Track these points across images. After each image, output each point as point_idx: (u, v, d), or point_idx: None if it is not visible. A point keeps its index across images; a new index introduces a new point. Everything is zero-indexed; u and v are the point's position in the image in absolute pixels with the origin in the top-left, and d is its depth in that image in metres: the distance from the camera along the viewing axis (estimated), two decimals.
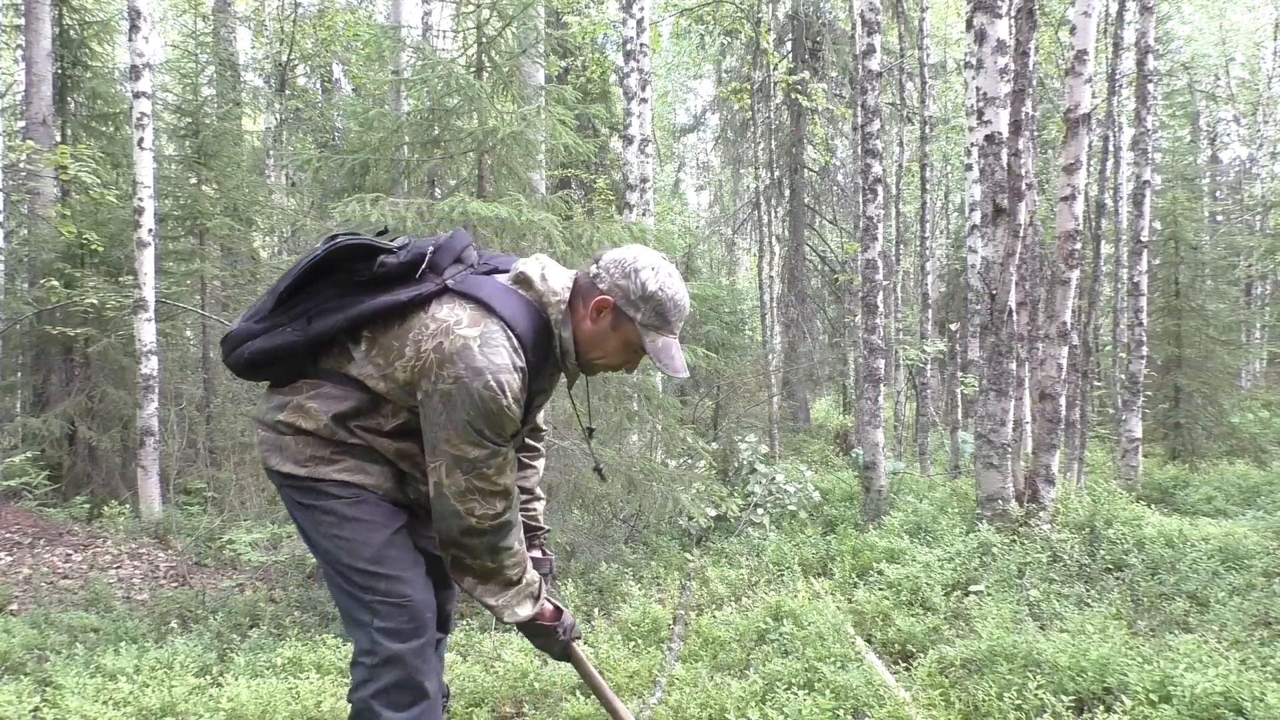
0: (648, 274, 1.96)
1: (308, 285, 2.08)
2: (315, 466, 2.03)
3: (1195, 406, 11.85)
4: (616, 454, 5.37)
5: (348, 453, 2.05)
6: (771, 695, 3.04)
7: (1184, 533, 4.97)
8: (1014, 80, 5.65)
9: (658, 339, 1.99)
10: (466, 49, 5.51)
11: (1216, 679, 2.78)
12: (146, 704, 3.06)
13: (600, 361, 2.07)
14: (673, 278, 2.00)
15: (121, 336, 7.96)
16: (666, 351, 1.99)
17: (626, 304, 1.97)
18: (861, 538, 5.34)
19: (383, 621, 2.00)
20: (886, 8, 12.99)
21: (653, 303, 1.97)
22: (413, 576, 2.05)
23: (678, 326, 2.03)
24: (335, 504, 2.03)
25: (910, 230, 17.10)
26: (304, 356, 2.07)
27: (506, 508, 2.00)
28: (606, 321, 1.99)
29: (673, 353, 2.00)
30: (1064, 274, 5.69)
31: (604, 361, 2.07)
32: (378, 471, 2.07)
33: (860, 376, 7.73)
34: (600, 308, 1.98)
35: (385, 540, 2.03)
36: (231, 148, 9.77)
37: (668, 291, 1.98)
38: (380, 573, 2.01)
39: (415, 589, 2.04)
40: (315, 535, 2.08)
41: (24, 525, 6.49)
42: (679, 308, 2.00)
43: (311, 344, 2.04)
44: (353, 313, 2.01)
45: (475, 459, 1.92)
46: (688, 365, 2.28)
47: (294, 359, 2.07)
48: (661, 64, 19.73)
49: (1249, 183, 21.67)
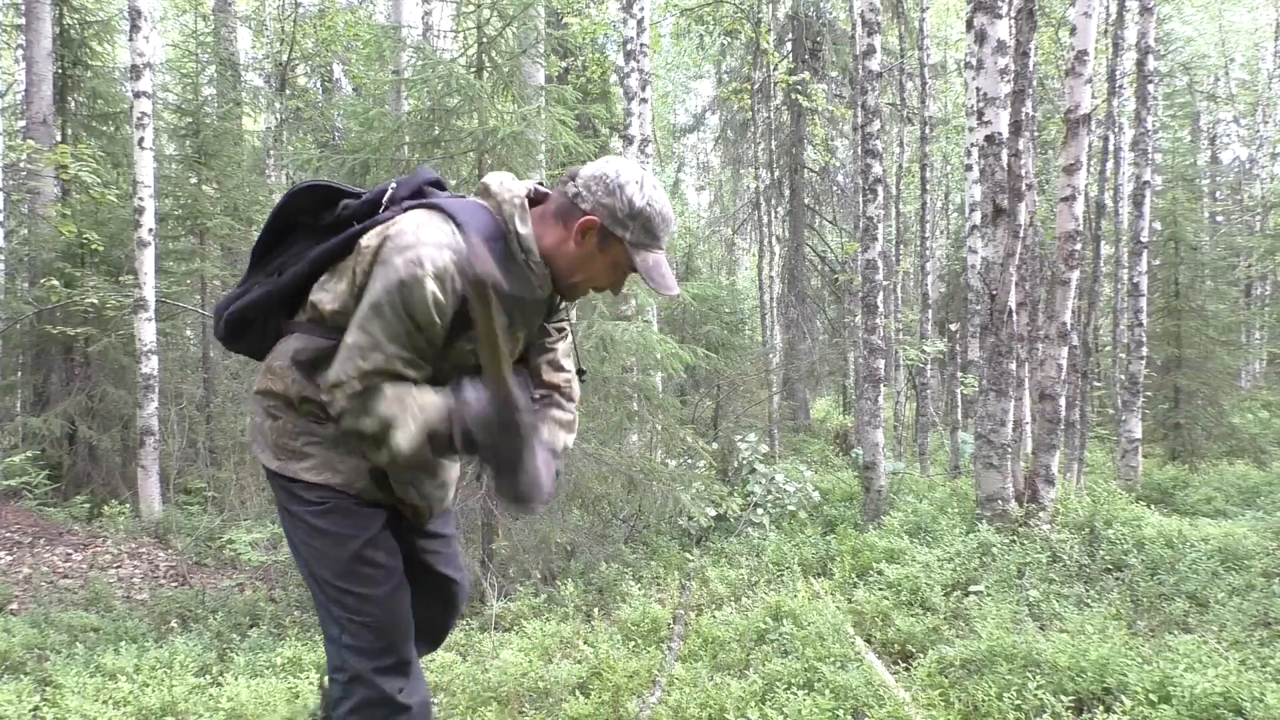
0: (633, 189, 1.84)
1: (280, 242, 2.05)
2: (286, 461, 1.95)
3: (1195, 407, 11.85)
4: (616, 454, 5.37)
5: (316, 441, 1.94)
6: (771, 695, 3.04)
7: (1184, 533, 4.97)
8: (1014, 81, 5.66)
9: (648, 256, 1.88)
10: (467, 49, 5.52)
11: (1216, 679, 2.78)
12: (146, 703, 3.06)
13: (584, 284, 1.95)
14: (657, 190, 1.89)
15: (122, 336, 7.97)
16: (658, 269, 1.88)
17: (614, 223, 1.84)
18: (861, 538, 5.34)
19: (350, 639, 1.92)
20: (886, 8, 12.99)
21: (641, 219, 1.85)
22: (382, 593, 1.94)
23: (665, 241, 1.92)
24: (304, 511, 1.94)
25: (910, 230, 17.10)
26: (278, 311, 2.01)
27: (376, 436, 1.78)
28: (593, 243, 1.87)
29: (663, 270, 1.89)
30: (1064, 274, 5.70)
31: (589, 284, 1.95)
32: (349, 467, 1.94)
33: (860, 376, 7.73)
34: (585, 228, 1.85)
35: (353, 554, 1.92)
36: (232, 147, 9.77)
37: (655, 205, 1.86)
38: (347, 589, 1.91)
39: (383, 607, 1.93)
40: (293, 539, 2.01)
41: (24, 525, 6.49)
42: (666, 221, 1.90)
43: (283, 295, 1.98)
44: (314, 253, 1.95)
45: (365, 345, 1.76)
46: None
47: (269, 315, 2.02)
48: (661, 64, 19.74)
49: (1249, 183, 21.67)
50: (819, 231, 16.21)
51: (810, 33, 14.72)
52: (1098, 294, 11.31)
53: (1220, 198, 21.53)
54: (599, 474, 5.20)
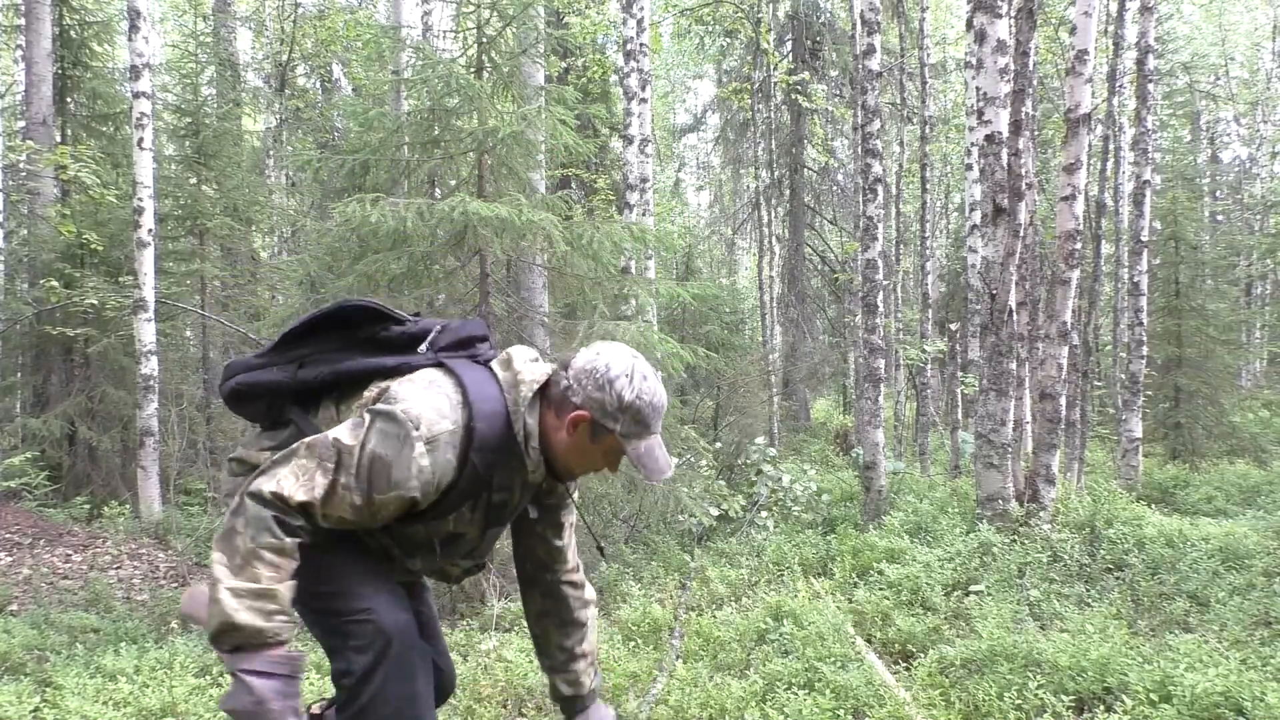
0: (622, 383, 1.86)
1: (314, 334, 2.06)
2: None
3: (1195, 406, 11.85)
4: None
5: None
6: (771, 695, 3.03)
7: (1184, 533, 4.96)
8: (1014, 80, 5.65)
9: (639, 445, 1.89)
10: (466, 49, 5.51)
11: (1217, 679, 2.78)
12: (146, 704, 3.06)
13: (579, 470, 2.00)
14: (648, 380, 1.89)
15: (121, 337, 7.96)
16: (650, 456, 1.89)
17: (604, 416, 1.86)
18: (861, 538, 5.34)
19: (354, 640, 1.90)
20: (886, 8, 12.99)
21: (631, 412, 1.86)
22: (374, 590, 1.93)
23: (659, 426, 1.93)
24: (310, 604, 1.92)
25: (910, 230, 17.10)
26: (286, 400, 2.04)
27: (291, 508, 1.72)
28: (585, 435, 1.90)
29: (655, 455, 1.90)
30: (1064, 274, 5.69)
31: (584, 470, 2.00)
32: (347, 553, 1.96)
33: (860, 376, 7.73)
34: (577, 423, 1.88)
35: (344, 562, 1.93)
36: (231, 148, 9.78)
37: (645, 398, 1.87)
38: (339, 592, 1.91)
39: (380, 605, 1.91)
40: None
41: (24, 525, 6.49)
42: (657, 410, 1.90)
43: (295, 389, 2.01)
44: (341, 367, 1.98)
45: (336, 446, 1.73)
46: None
47: (275, 399, 2.04)
48: (661, 64, 19.74)
49: (1249, 182, 21.67)
50: (819, 231, 16.21)
51: (810, 32, 14.72)
52: (1098, 293, 11.30)
53: (1220, 197, 21.53)
54: (598, 474, 5.19)
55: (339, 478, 1.73)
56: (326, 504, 1.74)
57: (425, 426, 1.75)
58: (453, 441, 1.79)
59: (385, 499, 1.76)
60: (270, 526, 1.70)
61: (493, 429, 1.84)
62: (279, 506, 1.71)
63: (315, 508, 1.73)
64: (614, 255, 5.25)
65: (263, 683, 1.69)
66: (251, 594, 1.67)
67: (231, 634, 1.67)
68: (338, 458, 1.73)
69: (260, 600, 1.68)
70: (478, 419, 1.82)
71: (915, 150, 14.22)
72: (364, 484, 1.74)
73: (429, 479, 1.77)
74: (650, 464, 1.89)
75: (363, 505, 1.75)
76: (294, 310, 5.50)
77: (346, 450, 1.74)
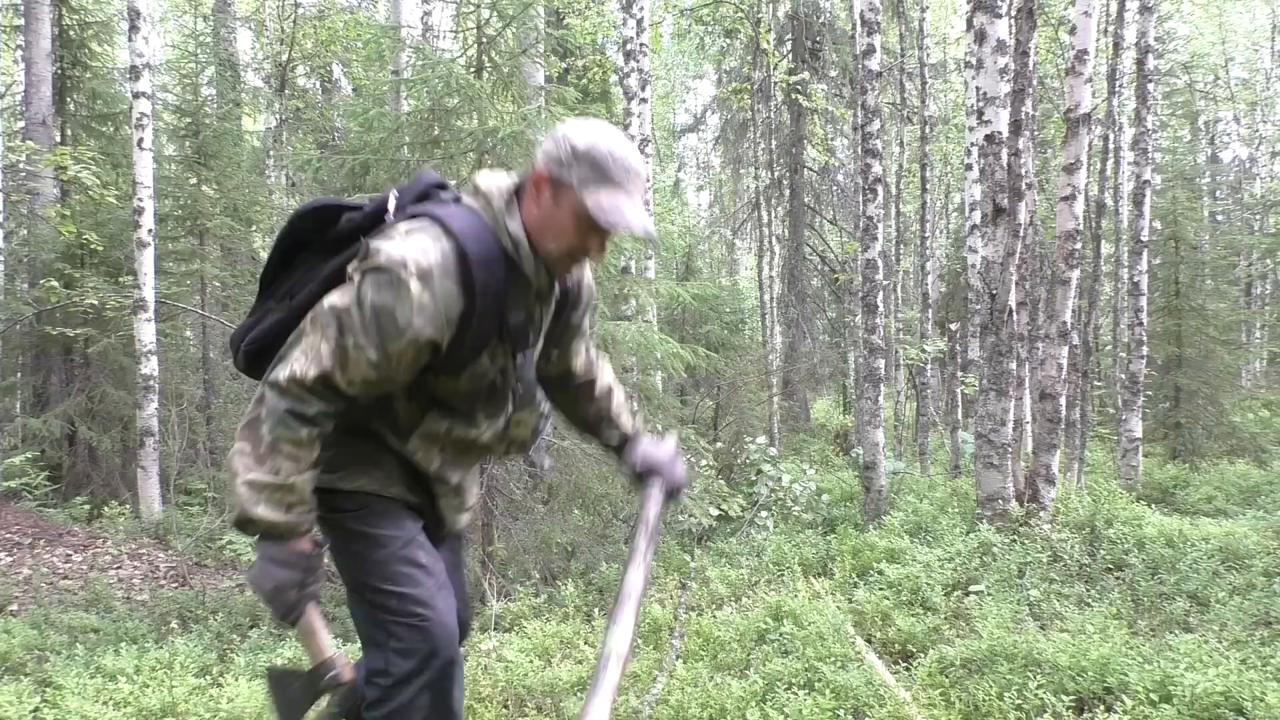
0: (575, 134, 1.77)
1: (287, 263, 2.01)
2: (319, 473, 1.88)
3: (1195, 406, 11.85)
4: None
5: (344, 450, 1.90)
6: (771, 695, 3.03)
7: (1184, 532, 4.96)
8: (1014, 80, 5.65)
9: (600, 195, 1.75)
10: (466, 49, 5.51)
11: (1217, 679, 2.78)
12: (146, 704, 3.06)
13: (558, 247, 1.83)
14: (608, 134, 1.79)
15: (121, 337, 7.96)
16: (614, 207, 1.75)
17: (560, 168, 1.76)
18: (861, 538, 5.34)
19: (398, 642, 1.86)
20: (886, 8, 12.99)
21: (585, 158, 1.75)
22: (428, 594, 1.88)
23: (628, 183, 1.78)
24: (343, 517, 1.91)
25: (910, 230, 17.10)
26: None
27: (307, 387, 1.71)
28: (548, 197, 1.79)
29: (621, 207, 1.75)
30: (1064, 274, 5.69)
31: (563, 246, 1.83)
32: (382, 474, 1.93)
33: (860, 376, 7.73)
34: (538, 183, 1.79)
35: (394, 555, 1.88)
36: (231, 148, 9.77)
37: (601, 145, 1.76)
38: (392, 590, 1.86)
39: (431, 608, 1.87)
40: (334, 548, 1.96)
41: (24, 526, 6.49)
42: (618, 160, 1.76)
43: (298, 318, 1.91)
44: (325, 272, 1.90)
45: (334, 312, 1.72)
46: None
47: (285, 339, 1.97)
48: (661, 64, 19.74)
49: (1249, 182, 21.66)
50: (819, 231, 16.20)
51: (810, 32, 14.71)
52: (1098, 293, 11.30)
53: (1220, 197, 21.52)
54: (599, 474, 5.20)
55: (345, 341, 1.71)
56: (343, 370, 1.72)
57: (413, 263, 1.69)
58: (447, 269, 1.72)
59: (401, 347, 1.72)
60: (287, 420, 1.70)
61: (483, 246, 1.78)
62: (295, 393, 1.71)
63: (333, 377, 1.72)
64: (614, 255, 5.25)
65: (282, 572, 1.72)
66: (270, 487, 1.69)
67: (250, 526, 1.70)
68: (338, 321, 1.71)
69: (279, 494, 1.70)
70: (465, 241, 1.74)
71: (915, 150, 14.22)
72: (374, 337, 1.70)
73: (436, 312, 1.72)
74: (615, 214, 1.74)
75: (380, 360, 1.72)
76: None
77: (344, 311, 1.71)
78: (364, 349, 1.71)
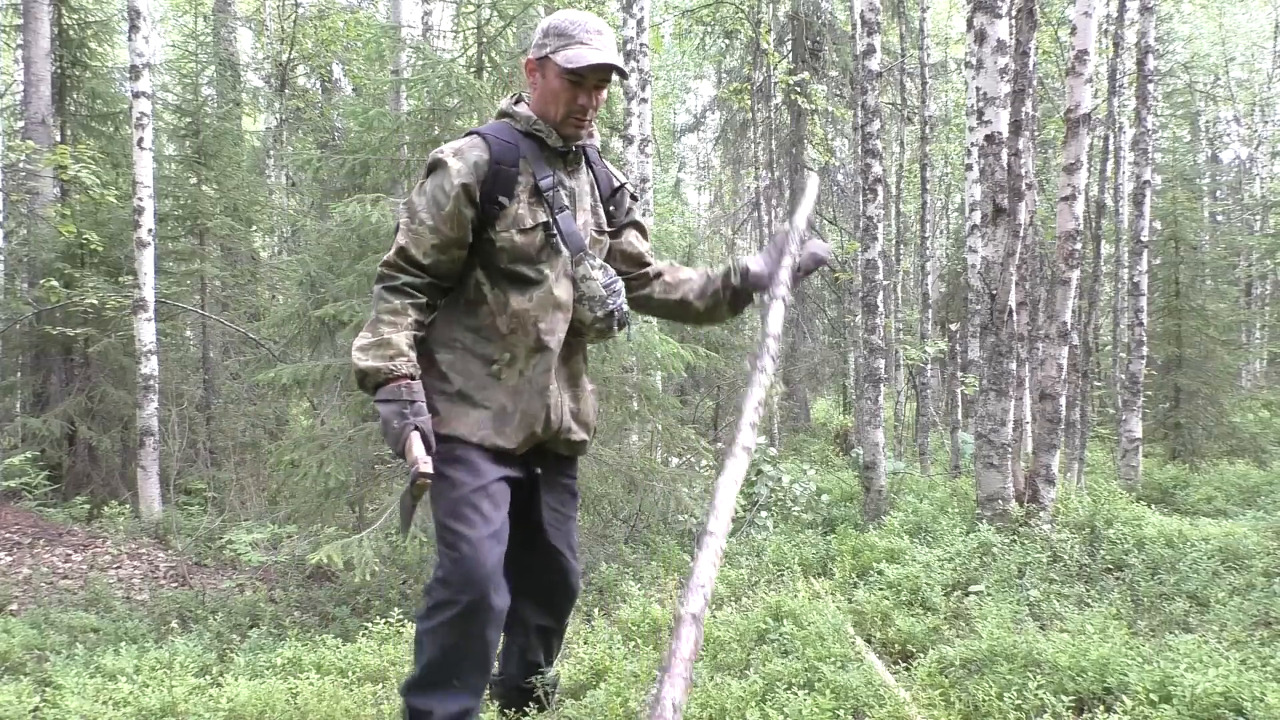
0: (544, 21, 2.24)
1: None
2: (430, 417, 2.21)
3: (1195, 406, 11.84)
4: (617, 454, 5.37)
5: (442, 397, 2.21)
6: (771, 695, 3.03)
7: (1184, 533, 4.96)
8: (1014, 80, 5.65)
9: (568, 52, 2.16)
10: (467, 49, 5.51)
11: (1217, 679, 2.78)
12: (146, 704, 3.06)
13: (558, 111, 2.24)
14: (568, 11, 2.24)
15: (121, 336, 7.96)
16: (578, 56, 2.15)
17: (538, 49, 2.22)
18: (861, 538, 5.34)
19: (441, 570, 2.16)
20: (887, 8, 12.99)
21: (553, 31, 2.20)
22: (477, 536, 2.14)
23: (592, 40, 2.18)
24: (435, 460, 2.17)
25: (910, 230, 17.10)
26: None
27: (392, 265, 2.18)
28: (537, 76, 2.25)
29: (585, 55, 2.15)
30: (1064, 274, 5.69)
31: (561, 109, 2.23)
32: (472, 420, 2.21)
33: (860, 376, 7.73)
34: (530, 70, 2.26)
35: (461, 497, 2.17)
36: (231, 148, 9.77)
37: (563, 16, 2.21)
38: (450, 526, 2.16)
39: (476, 549, 2.13)
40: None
41: (24, 525, 6.49)
42: (577, 23, 2.18)
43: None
44: None
45: (407, 205, 2.21)
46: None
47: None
48: (662, 64, 19.73)
49: (1249, 183, 21.66)
50: (819, 231, 16.19)
51: (810, 33, 14.71)
52: (1098, 293, 11.29)
53: (1220, 197, 21.52)
54: (599, 474, 5.20)
55: (413, 223, 2.17)
56: (416, 244, 2.16)
57: (449, 149, 2.21)
58: (475, 144, 2.21)
59: (450, 209, 2.15)
60: (383, 295, 2.16)
61: (498, 130, 2.26)
62: (384, 273, 2.18)
63: (409, 250, 2.16)
64: None
65: (385, 407, 2.08)
66: (373, 345, 2.11)
67: (362, 379, 2.10)
68: (408, 209, 2.19)
69: (379, 349, 2.10)
70: (484, 130, 2.26)
71: (915, 150, 14.23)
72: (431, 209, 2.16)
73: (466, 167, 2.16)
74: (577, 59, 2.15)
75: (437, 225, 2.16)
76: (294, 310, 5.49)
77: (410, 202, 2.21)
78: (425, 221, 2.16)
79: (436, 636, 2.17)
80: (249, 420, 8.64)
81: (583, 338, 2.36)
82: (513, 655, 2.65)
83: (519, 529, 2.38)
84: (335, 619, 4.53)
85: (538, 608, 2.55)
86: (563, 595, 2.58)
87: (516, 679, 2.67)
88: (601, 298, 2.28)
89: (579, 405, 2.41)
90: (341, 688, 3.18)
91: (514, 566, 2.43)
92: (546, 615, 2.59)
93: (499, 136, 2.22)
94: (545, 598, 2.55)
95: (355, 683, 3.25)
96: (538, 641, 2.64)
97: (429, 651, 2.19)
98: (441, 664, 2.18)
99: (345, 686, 3.20)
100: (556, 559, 2.50)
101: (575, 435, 2.42)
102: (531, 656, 2.66)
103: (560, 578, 2.53)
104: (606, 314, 2.29)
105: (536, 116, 2.25)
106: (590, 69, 2.15)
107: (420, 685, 2.22)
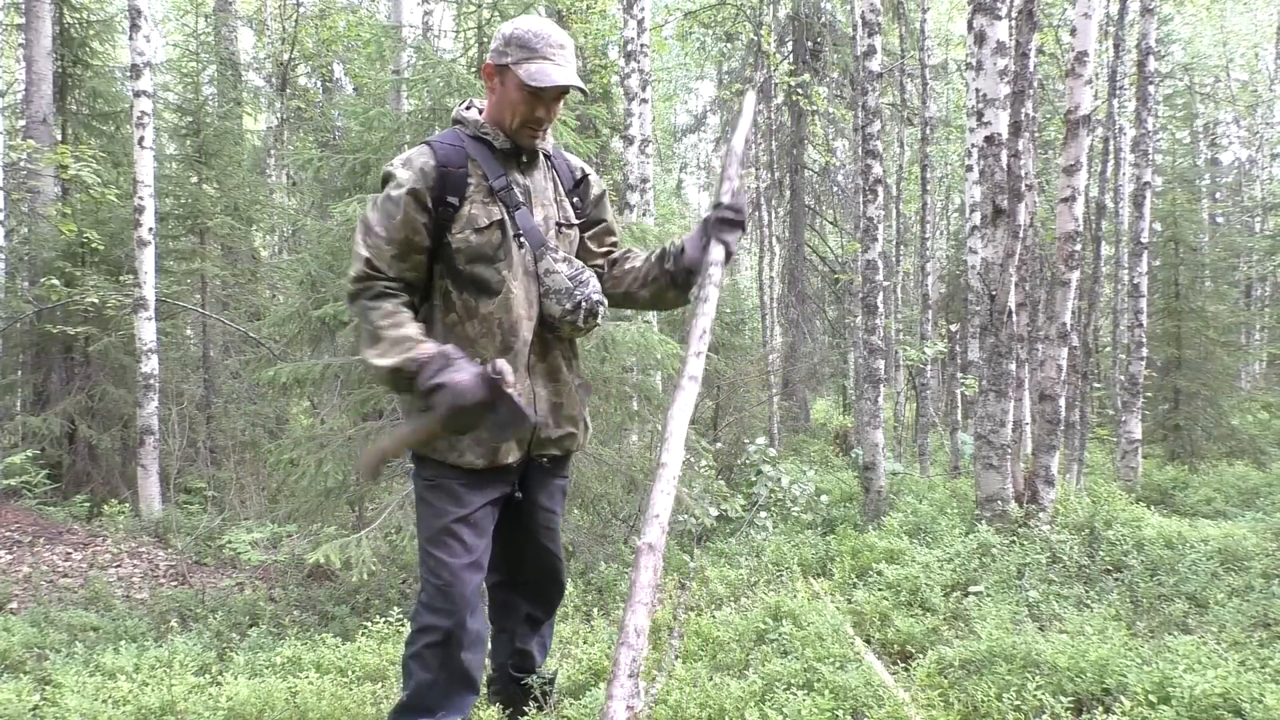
0: (506, 27, 2.20)
1: None
2: None
3: (1195, 408, 11.84)
4: (616, 454, 5.37)
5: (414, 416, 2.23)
6: (771, 695, 3.03)
7: (1183, 534, 4.96)
8: (1014, 82, 5.65)
9: (530, 66, 2.15)
10: (467, 49, 5.52)
11: (1216, 680, 2.78)
12: (146, 703, 3.06)
13: (514, 119, 2.23)
14: (532, 20, 2.20)
15: (122, 335, 7.96)
16: (541, 72, 2.15)
17: (499, 56, 2.20)
18: (861, 538, 5.34)
19: (425, 596, 2.24)
20: (887, 9, 12.99)
21: (515, 41, 2.17)
22: (458, 564, 2.20)
23: (554, 53, 2.17)
24: (418, 484, 2.30)
25: (910, 231, 17.10)
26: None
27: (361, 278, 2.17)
28: (496, 82, 2.23)
29: (548, 71, 2.15)
30: (1064, 275, 5.69)
31: (518, 118, 2.23)
32: (445, 443, 2.21)
33: (860, 377, 7.73)
34: (488, 75, 2.25)
35: (444, 526, 2.22)
36: (232, 147, 9.78)
37: (524, 27, 2.18)
38: (432, 553, 2.23)
39: (457, 578, 2.20)
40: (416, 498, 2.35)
41: (24, 524, 6.49)
42: (541, 35, 2.17)
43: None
44: None
45: (362, 220, 2.20)
46: None
47: None
48: (662, 65, 19.73)
49: (1249, 184, 21.66)
50: (819, 232, 16.20)
51: (811, 33, 14.71)
52: (1098, 295, 11.30)
53: (1220, 198, 21.51)
54: (599, 474, 5.20)
55: (369, 235, 2.17)
56: (379, 254, 2.15)
57: (397, 161, 2.22)
58: (421, 151, 2.22)
59: (401, 218, 2.15)
60: (367, 307, 2.13)
61: (447, 137, 2.28)
62: (359, 288, 2.16)
63: (375, 261, 2.16)
64: None
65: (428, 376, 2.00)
66: (388, 346, 2.07)
67: (395, 376, 2.05)
68: (364, 224, 2.19)
69: (396, 346, 2.07)
70: (434, 138, 2.28)
71: (916, 151, 14.23)
72: (384, 219, 2.16)
73: (412, 175, 2.16)
74: (541, 77, 2.14)
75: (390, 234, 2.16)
76: (294, 309, 5.49)
77: (368, 216, 2.19)
78: (379, 234, 2.16)
79: (420, 661, 2.26)
80: (249, 419, 8.65)
81: (558, 332, 2.34)
82: (503, 643, 2.71)
83: (512, 528, 2.47)
84: (335, 618, 4.53)
85: (528, 599, 2.64)
86: (552, 587, 2.66)
87: (508, 668, 2.72)
88: (568, 289, 2.27)
89: (562, 400, 2.39)
90: (341, 687, 3.18)
91: (506, 562, 2.55)
92: (536, 605, 2.67)
93: (444, 142, 2.25)
94: (536, 590, 2.63)
95: (354, 682, 3.25)
96: (527, 629, 2.70)
97: (416, 676, 2.27)
98: (429, 688, 2.26)
99: (345, 685, 3.20)
100: (547, 557, 2.57)
101: (557, 432, 2.40)
102: (521, 644, 2.70)
103: (550, 572, 2.61)
104: (574, 305, 2.27)
105: (486, 122, 2.27)
106: (555, 89, 2.17)
107: (408, 710, 2.30)
